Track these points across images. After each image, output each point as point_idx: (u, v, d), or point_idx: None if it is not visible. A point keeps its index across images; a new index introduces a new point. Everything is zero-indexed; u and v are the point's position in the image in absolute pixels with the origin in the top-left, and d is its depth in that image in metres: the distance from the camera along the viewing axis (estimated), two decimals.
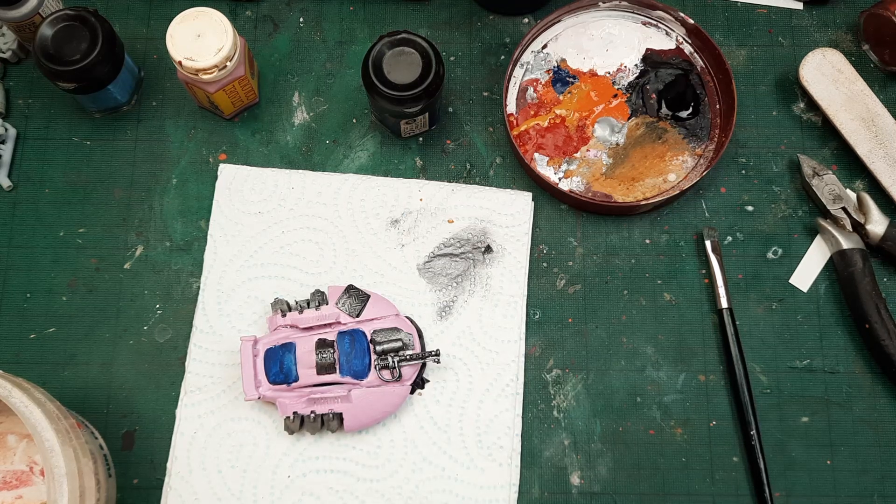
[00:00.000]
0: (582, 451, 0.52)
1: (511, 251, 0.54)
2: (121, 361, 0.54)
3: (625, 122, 0.56)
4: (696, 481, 0.52)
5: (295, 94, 0.58)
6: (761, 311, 0.54)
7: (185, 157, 0.57)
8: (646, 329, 0.54)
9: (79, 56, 0.51)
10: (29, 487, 0.50)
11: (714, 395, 0.53)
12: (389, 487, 0.51)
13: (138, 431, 0.53)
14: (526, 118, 0.56)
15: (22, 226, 0.56)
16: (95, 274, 0.55)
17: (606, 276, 0.55)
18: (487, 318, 0.53)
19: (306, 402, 0.50)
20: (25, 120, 0.57)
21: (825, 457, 0.52)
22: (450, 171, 0.57)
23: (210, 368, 0.53)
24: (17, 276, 0.55)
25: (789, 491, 0.52)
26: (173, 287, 0.55)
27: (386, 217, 0.55)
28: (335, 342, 0.50)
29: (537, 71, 0.57)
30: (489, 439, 0.52)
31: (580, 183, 0.55)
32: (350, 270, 0.54)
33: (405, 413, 0.52)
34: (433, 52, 0.51)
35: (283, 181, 0.56)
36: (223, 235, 0.55)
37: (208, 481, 0.51)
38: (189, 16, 0.51)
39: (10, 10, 0.53)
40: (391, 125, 0.55)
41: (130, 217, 0.56)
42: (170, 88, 0.58)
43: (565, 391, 0.53)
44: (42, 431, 0.42)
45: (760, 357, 0.54)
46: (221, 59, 0.51)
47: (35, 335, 0.54)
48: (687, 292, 0.55)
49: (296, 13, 0.59)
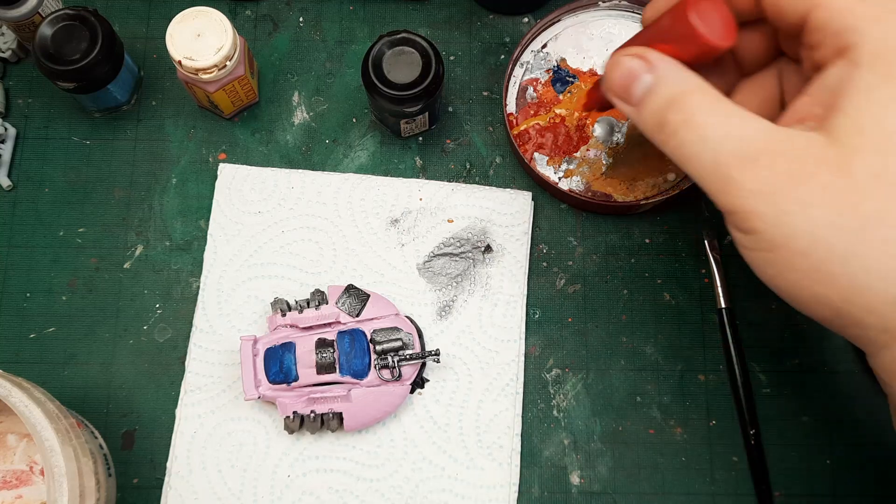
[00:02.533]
0: (582, 450, 0.52)
1: (511, 251, 0.54)
2: (121, 361, 0.54)
3: (624, 122, 0.56)
4: (696, 481, 0.52)
5: (295, 93, 0.58)
6: (761, 310, 0.54)
7: (184, 157, 0.57)
8: (645, 328, 0.54)
9: (78, 56, 0.51)
10: (29, 487, 0.50)
11: (714, 394, 0.53)
12: (389, 487, 0.51)
13: (138, 431, 0.53)
14: (526, 118, 0.56)
15: (21, 225, 0.56)
16: (95, 273, 0.55)
17: (606, 275, 0.55)
18: (487, 318, 0.53)
19: (306, 401, 0.50)
20: (25, 119, 0.57)
21: (825, 456, 0.52)
22: (450, 170, 0.57)
23: (210, 368, 0.53)
24: (16, 275, 0.55)
25: (789, 490, 0.52)
26: (173, 286, 0.55)
27: (386, 216, 0.55)
28: (335, 342, 0.50)
29: (537, 70, 0.57)
30: (489, 438, 0.52)
31: (580, 182, 0.55)
32: (350, 270, 0.54)
33: (405, 412, 0.52)
34: (433, 51, 0.51)
35: (283, 181, 0.56)
36: (223, 235, 0.55)
37: (208, 480, 0.51)
38: (189, 15, 0.51)
39: (9, 10, 0.53)
40: (391, 125, 0.55)
41: (130, 216, 0.56)
42: (169, 88, 0.58)
43: (565, 391, 0.53)
44: (42, 431, 0.42)
45: (760, 356, 0.54)
46: (221, 59, 0.51)
47: (35, 335, 0.54)
48: (687, 292, 0.55)
49: (295, 13, 0.59)
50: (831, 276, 0.34)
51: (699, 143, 0.36)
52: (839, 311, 0.35)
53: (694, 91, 0.37)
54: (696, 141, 0.36)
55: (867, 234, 0.33)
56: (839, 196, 0.34)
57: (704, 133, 0.36)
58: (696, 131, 0.36)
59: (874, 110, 0.34)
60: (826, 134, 0.35)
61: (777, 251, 0.35)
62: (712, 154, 0.36)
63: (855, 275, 0.34)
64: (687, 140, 0.36)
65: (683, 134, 0.37)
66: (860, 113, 0.34)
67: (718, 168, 0.35)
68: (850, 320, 0.35)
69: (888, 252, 0.33)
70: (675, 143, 0.37)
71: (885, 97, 0.34)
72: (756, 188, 0.35)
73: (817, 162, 0.34)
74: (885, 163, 0.33)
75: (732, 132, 0.36)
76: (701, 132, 0.36)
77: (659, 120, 0.38)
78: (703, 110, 0.36)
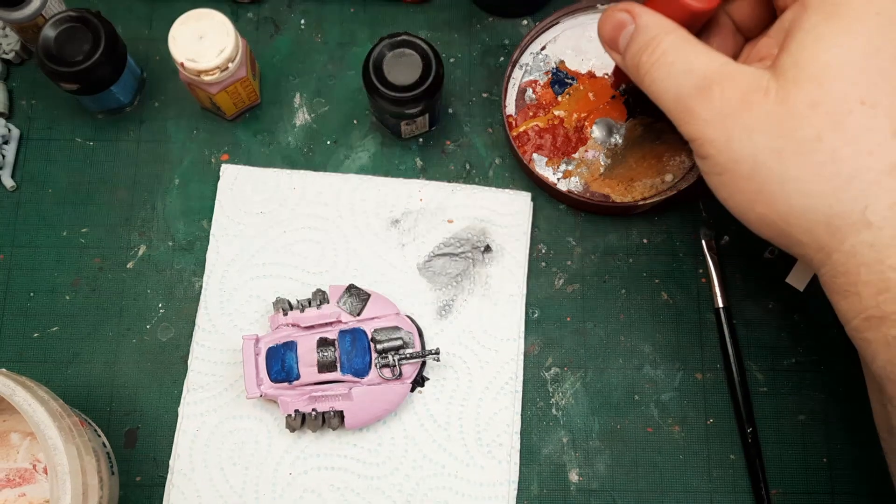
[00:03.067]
0: (580, 448, 0.53)
1: (510, 251, 0.55)
2: (124, 360, 0.54)
3: (623, 123, 0.56)
4: (694, 478, 0.52)
5: (296, 95, 0.58)
6: (758, 310, 0.55)
7: (187, 158, 0.57)
8: (643, 328, 0.55)
9: (81, 57, 0.52)
10: (32, 485, 0.50)
11: (711, 393, 0.54)
12: (390, 484, 0.51)
13: (141, 429, 0.53)
14: (525, 119, 0.57)
15: (25, 226, 0.56)
16: (98, 273, 0.55)
17: (604, 275, 0.55)
18: (487, 317, 0.54)
19: (307, 399, 0.50)
20: (28, 121, 0.58)
21: (821, 455, 0.53)
22: (450, 171, 0.57)
23: (212, 367, 0.53)
24: (20, 275, 0.55)
25: (786, 488, 0.52)
26: (176, 286, 0.55)
27: (386, 217, 0.55)
28: (336, 341, 0.51)
29: (536, 72, 0.57)
30: (488, 437, 0.52)
31: (579, 183, 0.56)
32: (351, 270, 0.55)
33: (405, 411, 0.52)
34: (433, 53, 0.51)
35: (285, 181, 0.56)
36: (225, 235, 0.55)
37: (210, 478, 0.51)
38: (191, 17, 0.51)
39: (13, 12, 0.53)
40: (391, 126, 0.56)
41: (133, 217, 0.56)
42: (172, 89, 0.58)
43: (564, 389, 0.54)
44: (45, 429, 0.42)
45: (757, 355, 0.54)
46: (223, 61, 0.51)
47: (38, 334, 0.54)
48: (684, 291, 0.55)
49: (297, 15, 0.60)
50: (772, 198, 0.37)
51: (666, 79, 0.40)
52: (781, 231, 0.38)
53: (666, 33, 0.40)
54: (664, 77, 0.40)
55: (802, 158, 0.36)
56: (779, 123, 0.37)
57: (671, 69, 0.40)
58: (664, 68, 0.40)
59: (814, 46, 0.37)
60: (773, 70, 0.38)
61: (726, 174, 0.39)
62: (676, 87, 0.39)
63: (791, 196, 0.37)
64: (657, 77, 0.40)
65: (655, 72, 0.40)
66: (801, 49, 0.37)
67: (680, 100, 0.39)
68: (791, 240, 0.38)
69: (821, 175, 0.36)
70: (648, 81, 0.41)
71: (826, 33, 0.37)
72: (709, 117, 0.38)
73: (761, 92, 0.37)
74: (820, 93, 0.36)
75: (694, 66, 0.39)
76: (668, 69, 0.40)
77: (637, 61, 0.41)
78: (671, 49, 0.40)
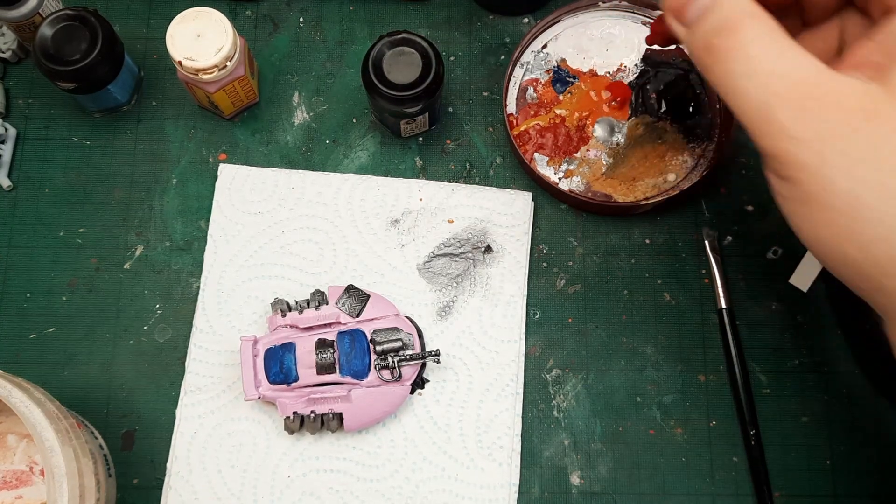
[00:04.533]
0: (582, 450, 0.52)
1: (511, 251, 0.54)
2: (121, 361, 0.54)
3: (625, 122, 0.56)
4: (696, 481, 0.52)
5: (295, 93, 0.58)
6: (761, 311, 0.54)
7: (184, 157, 0.57)
8: (646, 329, 0.54)
9: (79, 56, 0.51)
10: (29, 487, 0.50)
11: (714, 394, 0.53)
12: (389, 487, 0.51)
13: (138, 431, 0.53)
14: (526, 118, 0.56)
15: (22, 225, 0.56)
16: (95, 274, 0.55)
17: (606, 275, 0.55)
18: (487, 318, 0.53)
19: (306, 401, 0.50)
20: (25, 120, 0.58)
21: (824, 457, 0.52)
22: (450, 170, 0.57)
23: (210, 368, 0.53)
24: (16, 275, 0.55)
25: (789, 491, 0.52)
26: (173, 287, 0.55)
27: (386, 217, 0.55)
28: (335, 342, 0.50)
29: (537, 71, 0.57)
30: (489, 439, 0.52)
31: (580, 183, 0.55)
32: (350, 270, 0.54)
33: (405, 413, 0.52)
34: (433, 51, 0.51)
35: (283, 181, 0.56)
36: (223, 235, 0.55)
37: (208, 481, 0.51)
38: (189, 16, 0.51)
39: (10, 10, 0.53)
40: (391, 125, 0.55)
41: (130, 217, 0.56)
42: (170, 88, 0.58)
43: (565, 391, 0.53)
44: (42, 431, 0.42)
45: (760, 357, 0.54)
46: (221, 59, 0.51)
47: (35, 335, 0.54)
48: (687, 292, 0.55)
49: (296, 13, 0.59)
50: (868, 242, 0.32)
51: (746, 76, 0.33)
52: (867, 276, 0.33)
53: (750, 17, 0.34)
54: (744, 74, 0.33)
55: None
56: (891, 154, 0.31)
57: (754, 66, 0.33)
58: (746, 63, 0.33)
59: None
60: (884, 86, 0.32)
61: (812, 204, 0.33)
62: (758, 90, 0.33)
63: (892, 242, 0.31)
64: (734, 71, 0.34)
65: (731, 63, 0.34)
66: None
67: (763, 107, 0.33)
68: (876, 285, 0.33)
69: None
70: (720, 70, 0.34)
71: None
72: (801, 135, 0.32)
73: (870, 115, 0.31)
74: None
75: (783, 70, 0.33)
76: (750, 65, 0.33)
77: (708, 43, 0.34)
78: (755, 41, 0.33)
